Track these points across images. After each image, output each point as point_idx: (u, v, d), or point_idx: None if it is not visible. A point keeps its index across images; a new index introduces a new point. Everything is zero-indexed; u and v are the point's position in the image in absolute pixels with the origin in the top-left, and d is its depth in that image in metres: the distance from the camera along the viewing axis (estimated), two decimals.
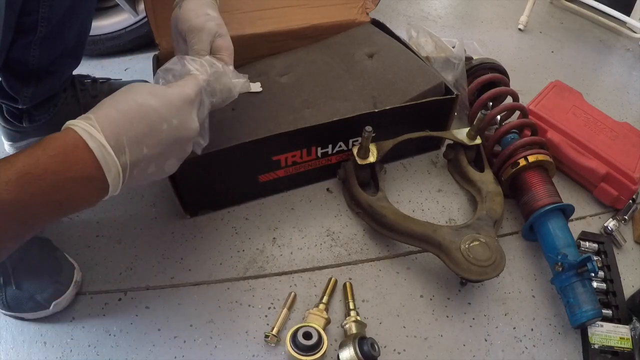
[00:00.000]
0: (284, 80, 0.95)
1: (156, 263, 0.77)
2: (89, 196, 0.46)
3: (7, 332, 0.69)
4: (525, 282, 0.80)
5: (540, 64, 1.36)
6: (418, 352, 0.70)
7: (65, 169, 0.43)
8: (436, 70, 0.98)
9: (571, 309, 0.72)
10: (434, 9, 1.59)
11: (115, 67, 1.20)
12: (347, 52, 1.01)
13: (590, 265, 0.69)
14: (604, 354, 0.71)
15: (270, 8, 1.05)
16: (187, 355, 0.67)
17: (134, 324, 0.70)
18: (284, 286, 0.75)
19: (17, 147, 0.93)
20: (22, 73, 0.77)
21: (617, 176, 0.90)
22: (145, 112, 0.48)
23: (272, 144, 0.79)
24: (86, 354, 0.67)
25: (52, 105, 0.88)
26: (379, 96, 0.90)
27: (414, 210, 0.89)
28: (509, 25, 1.54)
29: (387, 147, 0.85)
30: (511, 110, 0.99)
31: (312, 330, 0.65)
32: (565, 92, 1.07)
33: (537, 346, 0.72)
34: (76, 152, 0.44)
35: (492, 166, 0.91)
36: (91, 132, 0.44)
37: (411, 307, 0.75)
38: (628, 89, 1.31)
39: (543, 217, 0.80)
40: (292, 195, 0.89)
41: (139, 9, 1.15)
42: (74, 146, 0.44)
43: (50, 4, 0.70)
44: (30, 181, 0.41)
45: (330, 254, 0.81)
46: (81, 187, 0.44)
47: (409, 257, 0.81)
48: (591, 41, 1.52)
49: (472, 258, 0.69)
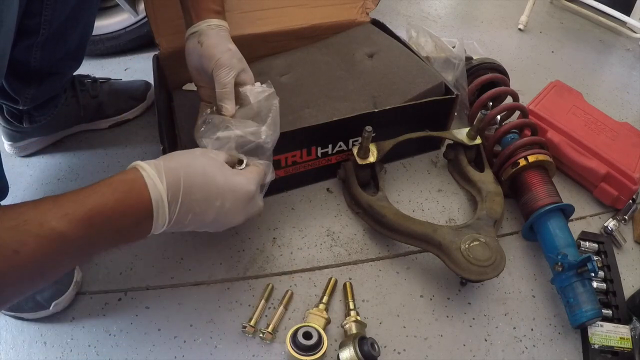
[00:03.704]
0: (284, 80, 0.95)
1: (156, 263, 0.77)
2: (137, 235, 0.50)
3: (7, 332, 0.69)
4: (525, 282, 0.80)
5: (540, 64, 1.36)
6: (418, 352, 0.70)
7: (128, 213, 0.47)
8: (436, 70, 0.98)
9: (571, 309, 0.72)
10: (434, 9, 1.59)
11: (115, 67, 1.20)
12: (347, 52, 1.01)
13: (590, 265, 0.69)
14: (604, 354, 0.71)
15: (270, 8, 1.05)
16: (187, 355, 0.67)
17: (134, 324, 0.70)
18: (284, 286, 0.75)
19: (17, 147, 0.93)
20: (23, 74, 0.77)
21: (617, 176, 0.90)
22: (207, 182, 0.53)
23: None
24: (86, 354, 0.67)
25: (52, 106, 0.88)
26: (379, 96, 0.90)
27: (414, 210, 0.89)
28: (509, 25, 1.54)
29: (387, 147, 0.85)
30: (511, 110, 0.99)
31: (312, 330, 0.65)
32: (565, 92, 1.07)
33: (537, 346, 0.72)
34: (139, 200, 0.48)
35: (492, 166, 0.91)
36: (156, 183, 0.49)
37: (411, 307, 0.75)
38: (628, 89, 1.31)
39: (543, 217, 0.80)
40: (292, 195, 0.89)
41: (139, 9, 1.15)
42: (139, 194, 0.48)
43: (53, 7, 0.70)
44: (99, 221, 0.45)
45: (330, 254, 0.81)
46: (136, 228, 0.49)
47: (409, 257, 0.81)
48: (591, 41, 1.52)
49: (472, 258, 0.69)
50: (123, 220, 0.47)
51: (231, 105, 0.65)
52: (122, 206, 0.46)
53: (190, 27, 0.69)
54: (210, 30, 0.67)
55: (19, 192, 0.87)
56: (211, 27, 0.68)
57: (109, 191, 0.46)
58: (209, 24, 0.68)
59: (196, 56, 0.68)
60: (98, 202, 0.45)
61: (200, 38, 0.67)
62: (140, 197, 0.48)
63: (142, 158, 0.51)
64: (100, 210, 0.45)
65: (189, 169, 0.52)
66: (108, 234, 0.46)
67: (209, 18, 0.68)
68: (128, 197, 0.47)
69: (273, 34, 1.04)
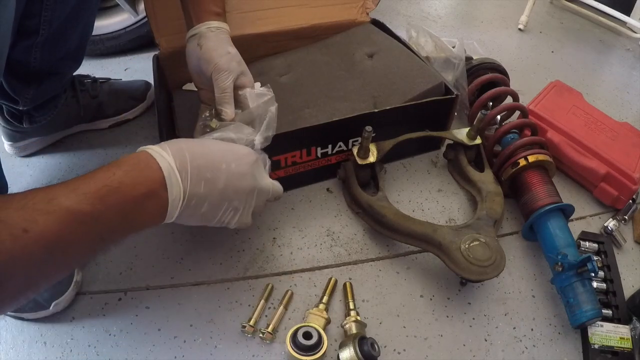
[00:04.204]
0: (284, 80, 0.95)
1: (156, 263, 0.77)
2: (153, 213, 0.50)
3: (7, 332, 0.69)
4: (525, 282, 0.80)
5: (540, 64, 1.36)
6: (418, 352, 0.70)
7: (138, 182, 0.47)
8: (436, 70, 0.98)
9: (571, 309, 0.72)
10: (434, 9, 1.59)
11: (115, 67, 1.20)
12: (347, 52, 1.01)
13: (590, 265, 0.69)
14: (604, 354, 0.71)
15: (270, 8, 1.05)
16: (187, 355, 0.67)
17: (134, 324, 0.70)
18: (284, 286, 0.75)
19: (17, 147, 0.93)
20: (23, 75, 0.77)
21: (617, 176, 0.90)
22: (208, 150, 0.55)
23: (271, 144, 0.78)
24: (86, 354, 0.67)
25: (52, 107, 0.88)
26: (379, 96, 0.90)
27: (414, 210, 0.89)
28: (509, 25, 1.54)
29: (387, 147, 0.85)
30: (511, 110, 0.99)
31: (312, 330, 0.65)
32: (565, 92, 1.07)
33: (537, 346, 0.72)
34: (148, 170, 0.48)
35: (492, 166, 0.91)
36: (162, 154, 0.50)
37: (411, 307, 0.75)
38: (628, 89, 1.31)
39: (543, 217, 0.80)
40: (292, 195, 0.89)
41: (139, 9, 1.15)
42: (146, 164, 0.49)
43: (53, 7, 0.70)
44: (108, 193, 0.44)
45: (330, 254, 0.81)
46: (149, 202, 0.48)
47: (409, 257, 0.81)
48: (591, 41, 1.52)
49: (472, 258, 0.69)
50: (134, 192, 0.46)
51: (230, 109, 0.65)
52: (129, 178, 0.46)
53: (190, 29, 0.69)
54: (210, 33, 0.68)
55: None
56: (211, 30, 0.68)
57: (115, 166, 0.47)
58: (209, 26, 0.68)
59: (195, 59, 0.68)
60: (104, 176, 0.45)
61: (199, 41, 0.67)
62: (149, 166, 0.48)
63: None
64: (108, 183, 0.44)
65: (189, 143, 0.54)
66: (120, 210, 0.45)
67: (209, 20, 0.68)
68: (136, 168, 0.47)
69: (273, 34, 1.04)
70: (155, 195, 0.49)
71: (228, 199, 0.56)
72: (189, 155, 0.51)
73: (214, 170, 0.54)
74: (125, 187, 0.45)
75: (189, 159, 0.51)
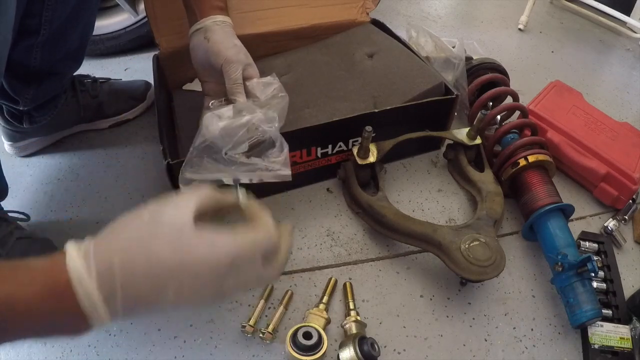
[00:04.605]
0: (284, 80, 0.94)
1: None
2: (70, 331, 0.39)
3: None
4: (525, 282, 0.80)
5: (540, 64, 1.36)
6: (418, 352, 0.70)
7: (50, 307, 0.36)
8: (436, 70, 0.98)
9: (571, 309, 0.72)
10: (434, 9, 1.59)
11: (115, 67, 1.20)
12: (347, 52, 1.01)
13: (590, 265, 0.69)
14: (604, 354, 0.71)
15: (270, 8, 1.05)
16: (187, 355, 0.67)
17: (134, 324, 0.70)
18: (284, 286, 0.75)
19: (17, 147, 0.93)
20: (23, 75, 0.77)
21: (617, 176, 0.90)
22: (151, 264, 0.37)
23: None
24: (86, 354, 0.67)
25: (52, 107, 0.88)
26: (379, 96, 0.90)
27: (414, 210, 0.89)
28: (509, 25, 1.54)
29: (387, 147, 0.85)
30: (511, 110, 0.99)
31: (312, 330, 0.65)
32: (565, 92, 1.07)
33: (537, 346, 0.72)
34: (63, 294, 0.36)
35: (492, 166, 0.91)
36: (81, 278, 0.36)
37: (411, 307, 0.75)
38: (628, 89, 1.31)
39: (543, 217, 0.80)
40: (292, 195, 0.89)
41: (139, 9, 1.15)
42: (65, 287, 0.36)
43: (54, 7, 0.70)
44: (11, 317, 0.35)
45: (330, 254, 0.81)
46: (63, 322, 0.38)
47: (409, 257, 0.81)
48: (591, 41, 1.52)
49: (472, 258, 0.69)
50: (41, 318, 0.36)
51: (243, 98, 0.66)
52: (39, 301, 0.35)
53: (194, 24, 0.70)
54: (216, 26, 0.68)
55: (19, 192, 0.87)
56: (217, 23, 0.68)
57: (25, 278, 0.36)
58: (214, 20, 0.68)
59: (202, 52, 0.68)
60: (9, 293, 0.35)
61: (206, 34, 0.68)
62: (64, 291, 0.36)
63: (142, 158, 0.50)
64: (10, 305, 0.35)
65: (128, 252, 0.38)
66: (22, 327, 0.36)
67: (214, 14, 0.69)
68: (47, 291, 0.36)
69: (273, 34, 1.04)
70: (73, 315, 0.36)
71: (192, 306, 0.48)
72: (121, 275, 0.36)
73: (157, 292, 0.38)
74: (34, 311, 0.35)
75: (122, 283, 0.36)
